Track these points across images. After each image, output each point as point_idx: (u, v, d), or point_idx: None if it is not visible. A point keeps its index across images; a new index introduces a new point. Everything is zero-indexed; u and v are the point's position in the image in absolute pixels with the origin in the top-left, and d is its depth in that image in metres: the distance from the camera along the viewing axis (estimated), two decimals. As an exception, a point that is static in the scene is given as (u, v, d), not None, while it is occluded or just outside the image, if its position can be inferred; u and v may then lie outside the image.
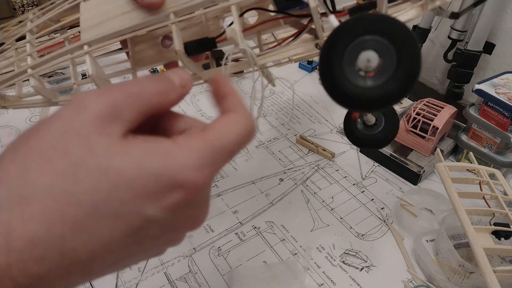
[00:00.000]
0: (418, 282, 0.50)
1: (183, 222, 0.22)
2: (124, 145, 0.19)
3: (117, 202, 0.18)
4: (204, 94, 0.87)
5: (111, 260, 0.20)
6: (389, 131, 0.40)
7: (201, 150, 0.20)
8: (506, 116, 0.61)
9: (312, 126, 0.78)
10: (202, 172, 0.20)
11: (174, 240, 0.23)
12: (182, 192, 0.19)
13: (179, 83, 0.23)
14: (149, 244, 0.21)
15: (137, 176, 0.18)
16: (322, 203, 0.62)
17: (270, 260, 0.53)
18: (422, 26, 0.78)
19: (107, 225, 0.18)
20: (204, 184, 0.20)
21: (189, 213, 0.21)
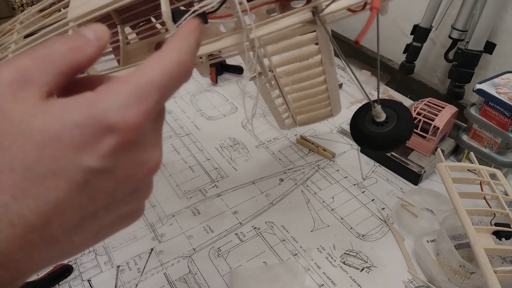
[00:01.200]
0: (419, 283, 0.50)
1: (135, 168, 0.21)
2: (44, 105, 0.19)
3: (49, 160, 0.18)
4: (204, 94, 0.87)
5: (70, 222, 0.19)
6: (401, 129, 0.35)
7: (123, 90, 0.19)
8: (507, 116, 0.61)
9: (312, 126, 0.78)
10: (130, 111, 0.19)
11: (138, 190, 0.22)
12: (114, 136, 0.19)
13: (93, 36, 0.21)
14: (107, 199, 0.20)
15: (61, 130, 0.18)
16: (322, 203, 0.61)
17: (270, 260, 0.53)
18: (423, 25, 0.78)
19: (48, 185, 0.18)
20: (137, 123, 0.19)
21: (136, 156, 0.20)
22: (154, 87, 0.20)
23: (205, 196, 0.62)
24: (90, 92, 0.19)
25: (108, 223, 0.22)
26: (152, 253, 0.53)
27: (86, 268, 0.51)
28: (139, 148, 0.21)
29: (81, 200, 0.19)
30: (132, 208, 0.23)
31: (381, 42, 0.98)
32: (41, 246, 0.19)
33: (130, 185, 0.21)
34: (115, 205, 0.21)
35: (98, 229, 0.21)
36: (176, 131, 0.76)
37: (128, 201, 0.22)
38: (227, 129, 0.77)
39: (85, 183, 0.19)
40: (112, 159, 0.19)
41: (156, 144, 0.22)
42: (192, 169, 0.67)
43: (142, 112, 0.19)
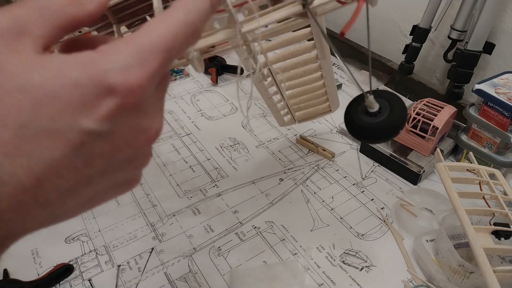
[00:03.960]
0: (418, 282, 0.50)
1: (134, 134, 0.20)
2: (41, 60, 0.18)
3: (45, 118, 0.17)
4: (204, 94, 0.87)
5: (64, 186, 0.19)
6: (394, 119, 0.35)
7: (125, 50, 0.18)
8: (506, 116, 0.61)
9: (312, 126, 0.78)
10: (132, 73, 0.18)
11: (135, 158, 0.21)
12: (114, 98, 0.18)
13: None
14: (103, 164, 0.19)
15: (60, 87, 0.17)
16: (322, 203, 0.62)
17: (270, 260, 0.53)
18: (422, 26, 0.78)
19: (42, 144, 0.17)
20: (139, 85, 0.18)
21: (136, 122, 0.20)
22: (159, 48, 0.19)
23: (206, 196, 0.62)
24: (91, 51, 0.18)
25: (103, 189, 0.21)
26: (153, 253, 0.54)
27: (87, 268, 0.51)
28: (139, 113, 0.20)
29: (76, 163, 0.18)
30: (128, 176, 0.22)
31: (381, 43, 0.98)
32: (33, 208, 0.18)
33: (128, 151, 0.20)
34: (111, 171, 0.20)
35: (92, 194, 0.21)
36: (176, 131, 0.76)
37: (125, 168, 0.21)
38: (227, 129, 0.77)
39: (81, 146, 0.18)
40: (111, 122, 0.18)
41: (157, 111, 0.21)
42: (193, 169, 0.67)
43: (145, 75, 0.18)
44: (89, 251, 0.53)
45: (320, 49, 0.45)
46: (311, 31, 0.41)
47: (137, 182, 0.23)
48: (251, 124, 0.78)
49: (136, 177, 0.23)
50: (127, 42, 0.18)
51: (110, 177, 0.21)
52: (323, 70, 0.51)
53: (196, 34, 0.20)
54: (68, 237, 0.55)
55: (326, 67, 0.50)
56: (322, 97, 0.59)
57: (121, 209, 0.60)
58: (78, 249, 0.54)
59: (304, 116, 0.64)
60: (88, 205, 0.21)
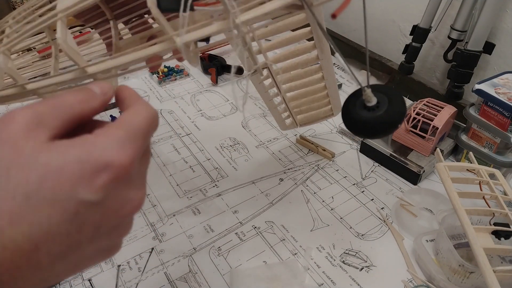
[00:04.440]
0: (418, 282, 0.50)
1: (121, 204, 0.23)
2: (50, 145, 0.21)
3: (48, 190, 0.20)
4: (204, 94, 0.87)
5: (57, 251, 0.21)
6: (393, 113, 0.34)
7: (117, 134, 0.22)
8: (506, 116, 0.61)
9: (312, 126, 0.78)
10: (124, 151, 0.22)
11: (119, 226, 0.24)
12: (109, 172, 0.21)
13: (99, 91, 0.25)
14: (92, 231, 0.22)
15: (63, 164, 0.20)
16: (322, 203, 0.62)
17: (270, 260, 0.53)
18: (422, 26, 0.78)
19: (43, 213, 0.20)
20: (129, 162, 0.22)
21: (124, 193, 0.23)
22: (142, 133, 0.24)
23: (206, 196, 0.62)
24: (89, 134, 0.22)
25: (89, 255, 0.23)
26: (153, 253, 0.54)
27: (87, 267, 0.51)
28: (128, 185, 0.23)
29: (70, 229, 0.21)
30: (111, 243, 0.25)
31: (381, 43, 0.98)
32: (26, 271, 0.20)
33: (115, 220, 0.23)
34: (98, 238, 0.23)
35: (79, 260, 0.23)
36: (176, 131, 0.76)
37: (110, 236, 0.24)
38: (227, 129, 0.77)
39: (76, 214, 0.21)
40: (104, 192, 0.21)
41: (141, 184, 0.25)
42: (193, 169, 0.67)
43: (133, 153, 0.22)
44: (89, 251, 0.53)
45: (320, 48, 0.45)
46: (311, 30, 0.41)
47: (117, 249, 0.26)
48: (251, 124, 0.78)
49: (117, 244, 0.26)
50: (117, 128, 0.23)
51: (96, 243, 0.23)
52: (324, 71, 0.51)
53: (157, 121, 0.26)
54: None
55: (327, 68, 0.50)
56: (323, 100, 0.58)
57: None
58: (78, 249, 0.54)
59: (306, 120, 0.64)
60: (74, 270, 0.24)
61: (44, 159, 0.20)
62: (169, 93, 0.87)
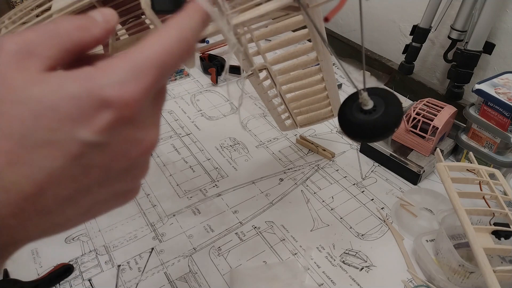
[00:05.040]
0: (418, 282, 0.50)
1: (130, 146, 0.21)
2: (44, 77, 0.19)
3: (45, 129, 0.18)
4: (204, 94, 0.87)
5: (63, 194, 0.20)
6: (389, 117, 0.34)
7: (121, 66, 0.19)
8: (506, 116, 0.61)
9: (312, 126, 0.78)
10: (127, 88, 0.19)
11: (133, 168, 0.22)
12: (111, 111, 0.19)
13: (102, 18, 0.22)
14: (102, 175, 0.20)
15: (59, 101, 0.18)
16: (322, 203, 0.62)
17: (270, 260, 0.53)
18: (422, 26, 0.78)
19: (43, 154, 0.18)
20: (134, 99, 0.19)
21: (132, 134, 0.21)
22: (153, 64, 0.20)
23: (206, 196, 0.62)
24: (89, 67, 0.20)
25: (102, 199, 0.22)
26: (153, 253, 0.54)
27: (87, 268, 0.51)
28: (135, 125, 0.21)
29: (75, 172, 0.19)
30: (126, 186, 0.23)
31: (380, 43, 0.98)
32: (34, 215, 0.19)
33: (125, 162, 0.21)
34: (109, 182, 0.21)
35: (91, 204, 0.21)
36: (176, 131, 0.76)
37: (123, 179, 0.22)
38: (227, 129, 0.77)
39: (80, 156, 0.19)
40: (108, 134, 0.19)
41: (153, 123, 0.23)
42: (193, 169, 0.67)
43: (139, 89, 0.19)
44: (89, 251, 0.53)
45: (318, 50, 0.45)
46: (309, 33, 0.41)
47: (135, 193, 0.24)
48: (251, 124, 0.78)
49: (135, 188, 0.24)
50: (123, 58, 0.20)
51: (108, 187, 0.21)
52: (323, 72, 0.51)
53: (189, 50, 0.22)
54: (68, 237, 0.55)
55: (326, 69, 0.50)
56: (323, 101, 0.58)
57: (121, 209, 0.59)
58: (78, 249, 0.54)
59: (306, 121, 0.64)
60: (87, 214, 0.22)
61: (37, 94, 0.18)
62: (169, 93, 0.87)
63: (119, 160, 0.21)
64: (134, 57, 0.20)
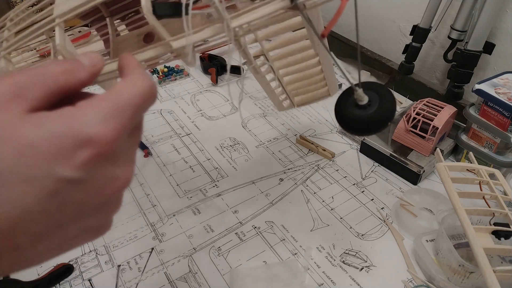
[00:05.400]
0: (418, 282, 0.50)
1: (106, 182, 0.21)
2: (27, 118, 0.20)
3: (24, 167, 0.19)
4: (204, 94, 0.87)
5: (36, 231, 0.20)
6: (384, 111, 0.35)
7: (101, 107, 0.20)
8: (506, 116, 0.61)
9: (312, 126, 0.78)
10: (107, 126, 0.20)
11: (106, 205, 0.23)
12: (90, 148, 0.19)
13: (88, 62, 0.23)
14: (75, 211, 0.21)
15: (40, 140, 0.19)
16: (322, 203, 0.62)
17: (270, 260, 0.53)
18: (422, 26, 0.78)
19: (19, 190, 0.19)
20: (113, 137, 0.20)
21: (109, 171, 0.21)
22: (130, 105, 0.21)
23: (206, 196, 0.62)
24: (71, 106, 0.20)
25: (74, 235, 0.22)
26: (153, 253, 0.54)
27: (87, 268, 0.51)
28: (112, 163, 0.21)
29: (50, 209, 0.19)
30: (99, 222, 0.23)
31: (380, 43, 0.98)
32: (4, 251, 0.19)
33: (100, 199, 0.22)
34: (82, 218, 0.21)
35: (63, 240, 0.22)
36: (176, 131, 0.76)
37: (96, 215, 0.22)
38: (227, 129, 0.77)
39: (55, 193, 0.19)
40: (85, 170, 0.20)
41: (128, 161, 0.23)
42: (193, 169, 0.67)
43: (118, 127, 0.20)
44: (89, 251, 0.53)
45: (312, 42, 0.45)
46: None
47: (107, 228, 0.25)
48: (251, 124, 0.78)
49: (107, 223, 0.25)
50: (103, 99, 0.21)
51: (81, 223, 0.22)
52: (320, 56, 0.51)
53: (155, 94, 0.24)
54: (68, 237, 0.55)
55: (323, 52, 0.50)
56: (320, 82, 0.58)
57: (121, 209, 0.59)
58: (78, 249, 0.54)
59: (303, 101, 0.64)
60: (58, 250, 0.22)
61: (20, 133, 0.19)
62: (169, 93, 0.87)
63: (94, 197, 0.21)
64: (114, 98, 0.21)
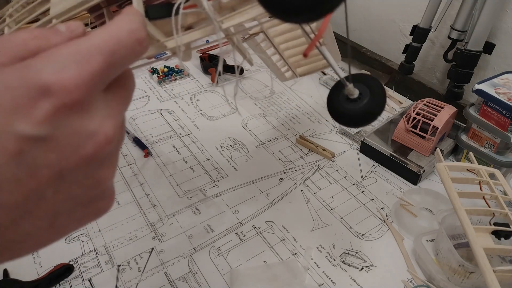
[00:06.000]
0: (418, 282, 0.50)
1: (80, 139, 0.18)
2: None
3: None
4: (204, 94, 0.87)
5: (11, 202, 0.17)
6: (374, 103, 0.36)
7: (62, 53, 0.18)
8: (506, 116, 0.61)
9: (312, 126, 0.78)
10: (66, 72, 0.17)
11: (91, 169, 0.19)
12: (52, 98, 0.17)
13: (65, 29, 0.20)
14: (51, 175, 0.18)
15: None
16: (322, 203, 0.62)
17: (270, 260, 0.53)
18: (422, 26, 0.78)
19: None
20: (76, 84, 0.17)
21: (80, 125, 0.18)
22: (99, 50, 0.18)
23: (206, 196, 0.62)
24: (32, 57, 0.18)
25: (65, 209, 0.19)
26: (153, 253, 0.54)
27: (87, 268, 0.51)
28: (84, 115, 0.18)
29: (18, 174, 0.17)
30: (91, 192, 0.20)
31: (380, 43, 0.98)
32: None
33: (77, 159, 0.18)
34: (64, 185, 0.18)
35: (52, 215, 0.19)
36: (176, 131, 0.76)
37: (82, 182, 0.19)
38: (227, 129, 0.77)
39: (20, 154, 0.16)
40: (50, 125, 0.17)
41: (107, 115, 0.20)
42: (193, 169, 0.67)
43: (82, 74, 0.18)
44: (89, 251, 0.53)
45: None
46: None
47: (108, 200, 0.21)
48: (251, 124, 0.78)
49: (104, 194, 0.21)
50: (66, 46, 0.18)
51: (65, 192, 0.19)
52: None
53: (141, 42, 0.20)
54: (68, 237, 0.55)
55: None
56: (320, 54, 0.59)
57: (121, 209, 0.60)
58: (78, 249, 0.54)
59: (305, 71, 0.63)
60: (52, 229, 0.19)
61: None
62: (169, 93, 0.87)
63: (70, 157, 0.18)
64: (77, 44, 0.18)
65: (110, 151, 0.20)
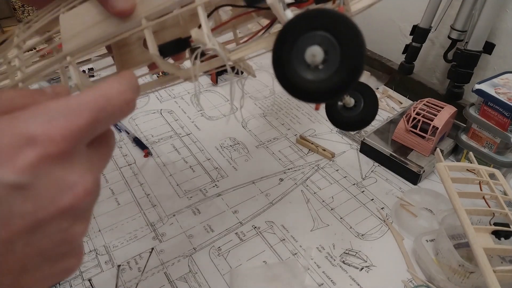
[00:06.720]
0: (418, 282, 0.50)
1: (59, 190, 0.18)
2: None
3: None
4: (204, 94, 0.87)
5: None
6: (368, 111, 0.41)
7: (50, 106, 0.18)
8: (506, 116, 0.61)
9: (312, 126, 0.78)
10: (54, 124, 0.18)
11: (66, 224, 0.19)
12: (36, 148, 0.17)
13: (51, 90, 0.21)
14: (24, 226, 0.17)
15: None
16: (322, 203, 0.62)
17: (270, 260, 0.53)
18: (422, 26, 0.78)
19: None
20: (62, 136, 0.18)
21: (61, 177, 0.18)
22: (87, 106, 0.19)
23: (206, 196, 0.62)
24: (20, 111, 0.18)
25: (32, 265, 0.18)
26: (153, 253, 0.54)
27: (87, 268, 0.51)
28: (65, 167, 0.18)
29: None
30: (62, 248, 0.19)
31: (381, 43, 0.98)
32: None
33: (54, 211, 0.18)
34: (36, 238, 0.18)
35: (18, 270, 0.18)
36: (176, 131, 0.76)
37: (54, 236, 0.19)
38: (227, 129, 0.77)
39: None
40: (31, 174, 0.17)
41: (88, 169, 0.20)
42: (193, 169, 0.67)
43: (71, 127, 0.18)
44: (89, 251, 0.53)
45: None
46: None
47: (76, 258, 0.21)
48: (251, 124, 0.78)
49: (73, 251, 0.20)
50: (57, 101, 0.19)
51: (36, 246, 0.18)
52: None
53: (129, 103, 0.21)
54: (68, 237, 0.55)
55: None
56: None
57: (121, 209, 0.60)
58: (78, 249, 0.54)
59: None
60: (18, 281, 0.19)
61: None
62: (169, 93, 0.87)
63: (47, 207, 0.18)
64: (66, 99, 0.19)
65: (86, 206, 0.19)
